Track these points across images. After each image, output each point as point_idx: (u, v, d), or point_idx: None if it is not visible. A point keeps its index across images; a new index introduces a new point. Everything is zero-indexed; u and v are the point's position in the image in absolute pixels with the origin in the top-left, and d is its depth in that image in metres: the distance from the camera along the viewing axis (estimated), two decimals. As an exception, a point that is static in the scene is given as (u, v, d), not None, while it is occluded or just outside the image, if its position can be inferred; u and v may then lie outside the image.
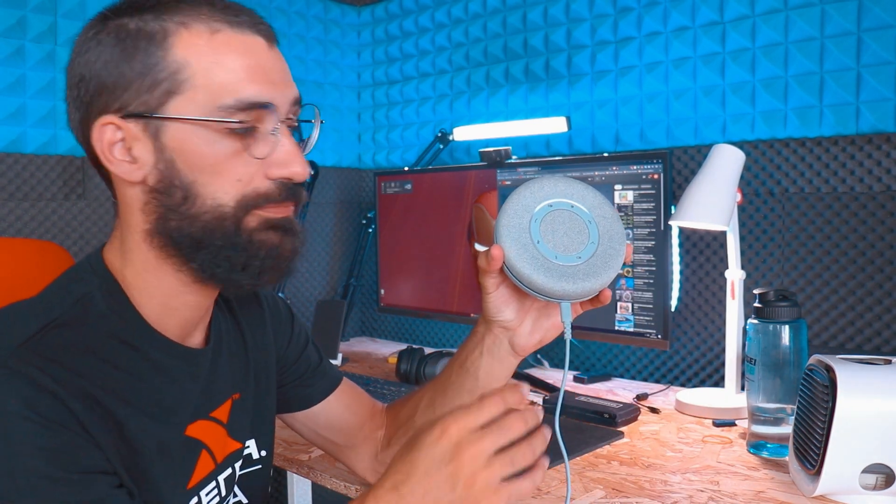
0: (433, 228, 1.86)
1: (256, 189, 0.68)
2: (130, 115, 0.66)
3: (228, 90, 0.65)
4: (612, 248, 0.78)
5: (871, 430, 0.88)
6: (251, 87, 0.66)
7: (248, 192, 0.68)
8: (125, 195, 0.71)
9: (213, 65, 0.65)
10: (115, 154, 0.68)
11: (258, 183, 0.68)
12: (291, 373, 0.96)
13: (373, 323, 2.31)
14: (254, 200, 0.68)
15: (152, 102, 0.66)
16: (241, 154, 0.67)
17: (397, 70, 2.19)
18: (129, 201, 0.70)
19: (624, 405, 1.33)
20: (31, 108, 1.67)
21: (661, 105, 1.62)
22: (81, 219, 1.76)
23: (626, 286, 1.49)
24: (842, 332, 1.38)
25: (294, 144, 0.70)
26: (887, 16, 1.30)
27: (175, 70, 0.65)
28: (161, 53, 0.65)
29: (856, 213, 1.36)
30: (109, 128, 0.67)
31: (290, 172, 0.69)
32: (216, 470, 0.80)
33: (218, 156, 0.66)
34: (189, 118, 0.65)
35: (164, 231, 0.68)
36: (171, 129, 0.66)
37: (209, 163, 0.66)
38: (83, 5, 1.72)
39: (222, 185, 0.67)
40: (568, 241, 0.76)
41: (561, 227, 0.77)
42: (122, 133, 0.67)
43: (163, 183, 0.67)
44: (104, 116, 0.67)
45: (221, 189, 0.67)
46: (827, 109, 1.39)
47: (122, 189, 0.71)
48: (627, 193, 1.47)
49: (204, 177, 0.67)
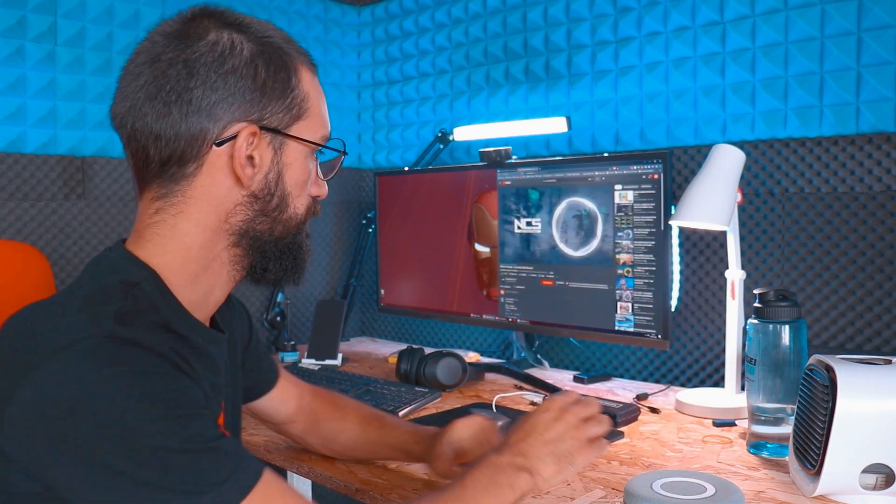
0: (433, 228, 1.86)
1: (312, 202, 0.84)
2: (265, 128, 0.76)
3: (325, 124, 0.82)
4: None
5: (871, 430, 0.88)
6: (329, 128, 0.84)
7: (310, 204, 0.83)
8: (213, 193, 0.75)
9: (319, 101, 0.81)
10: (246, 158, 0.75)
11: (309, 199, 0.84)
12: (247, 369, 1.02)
13: (373, 323, 2.31)
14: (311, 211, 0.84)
15: (285, 121, 0.77)
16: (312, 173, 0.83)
17: (397, 70, 2.19)
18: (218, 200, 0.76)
19: (624, 405, 1.33)
20: (31, 108, 1.67)
21: (661, 105, 1.62)
22: (81, 219, 1.76)
23: (626, 286, 1.49)
24: (842, 332, 1.38)
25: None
26: (887, 16, 1.30)
27: (303, 99, 0.78)
28: (295, 82, 0.77)
29: (856, 213, 1.36)
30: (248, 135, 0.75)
31: (323, 192, 0.86)
32: None
33: (308, 174, 0.81)
34: (308, 140, 0.79)
35: (247, 231, 0.78)
36: (291, 147, 0.78)
37: (304, 179, 0.81)
38: (83, 5, 1.72)
39: (302, 198, 0.81)
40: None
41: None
42: (255, 140, 0.75)
43: (265, 190, 0.77)
44: (240, 124, 0.74)
45: (300, 201, 0.81)
46: (827, 109, 1.39)
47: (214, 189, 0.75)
48: (627, 193, 1.47)
49: (297, 189, 0.80)
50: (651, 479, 0.90)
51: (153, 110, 0.73)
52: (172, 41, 0.73)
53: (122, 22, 1.78)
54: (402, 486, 1.02)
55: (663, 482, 0.89)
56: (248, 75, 0.74)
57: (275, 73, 0.76)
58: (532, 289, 1.65)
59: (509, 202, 1.68)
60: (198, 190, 0.75)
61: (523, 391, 1.55)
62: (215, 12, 0.76)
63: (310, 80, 0.80)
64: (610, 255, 1.50)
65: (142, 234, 0.76)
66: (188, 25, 0.74)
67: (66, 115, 1.72)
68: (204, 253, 0.76)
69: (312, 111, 0.79)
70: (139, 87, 0.74)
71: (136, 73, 0.74)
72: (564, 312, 1.59)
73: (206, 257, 0.77)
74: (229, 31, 0.74)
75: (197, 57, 0.72)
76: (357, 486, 1.04)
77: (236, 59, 0.73)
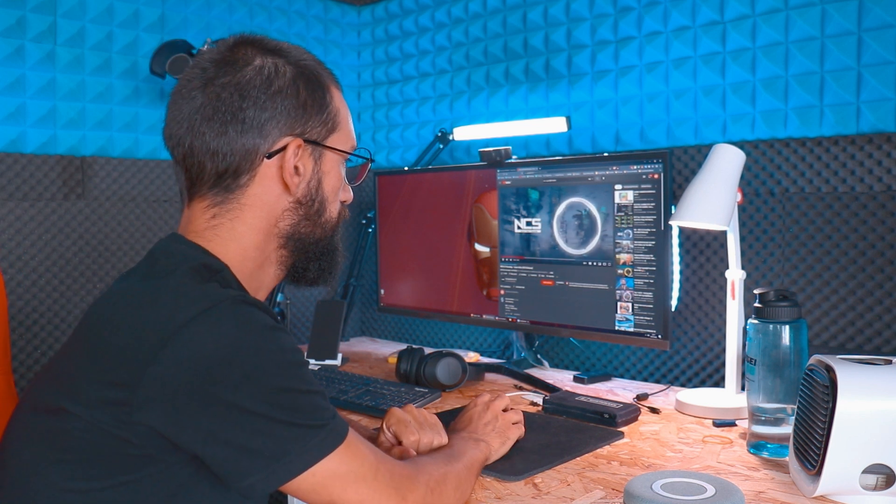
0: (433, 228, 1.86)
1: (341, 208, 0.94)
2: (308, 141, 0.86)
3: (352, 135, 0.93)
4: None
5: (871, 430, 0.88)
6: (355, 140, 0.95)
7: (341, 209, 0.94)
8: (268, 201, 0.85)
9: (347, 115, 0.92)
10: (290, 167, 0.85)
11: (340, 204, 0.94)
12: None
13: (373, 323, 2.31)
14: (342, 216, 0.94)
15: (322, 133, 0.88)
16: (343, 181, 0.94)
17: (397, 70, 2.19)
18: (271, 207, 0.86)
19: (624, 405, 1.33)
20: (31, 107, 1.67)
21: (662, 105, 1.62)
22: (81, 219, 1.76)
23: (626, 286, 1.49)
24: (842, 332, 1.38)
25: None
26: (888, 15, 1.30)
27: (335, 113, 0.89)
28: (328, 98, 0.88)
29: (856, 213, 1.35)
30: (294, 147, 0.85)
31: (350, 197, 0.96)
32: None
33: (340, 182, 0.92)
34: (342, 150, 0.91)
35: (293, 233, 0.88)
36: (327, 157, 0.89)
37: (338, 185, 0.92)
38: (82, 5, 1.72)
39: (335, 204, 0.92)
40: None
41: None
42: (300, 152, 0.86)
43: (308, 196, 0.88)
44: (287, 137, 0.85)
45: (334, 206, 0.92)
46: (827, 109, 1.39)
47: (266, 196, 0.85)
48: (627, 193, 1.47)
49: (332, 195, 0.91)
50: (651, 479, 0.90)
51: (210, 130, 0.82)
52: (222, 67, 0.83)
53: (121, 22, 1.78)
54: (401, 487, 1.01)
55: (663, 482, 0.89)
56: (291, 94, 0.85)
57: (313, 91, 0.86)
58: (532, 289, 1.65)
59: (509, 202, 1.68)
60: (251, 198, 0.85)
61: (523, 391, 1.55)
62: (255, 40, 0.86)
63: (339, 96, 0.91)
64: (610, 255, 1.50)
65: (201, 234, 0.85)
66: (234, 52, 0.84)
67: (65, 114, 1.72)
68: (258, 253, 0.86)
69: (343, 124, 0.91)
70: (195, 110, 0.82)
71: (191, 97, 0.83)
72: (564, 312, 1.59)
73: (259, 257, 0.87)
74: (272, 57, 0.85)
75: (247, 81, 0.83)
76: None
77: (281, 81, 0.84)
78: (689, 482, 0.89)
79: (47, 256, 1.71)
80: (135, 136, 1.84)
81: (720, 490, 0.87)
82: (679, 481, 0.89)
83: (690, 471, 0.99)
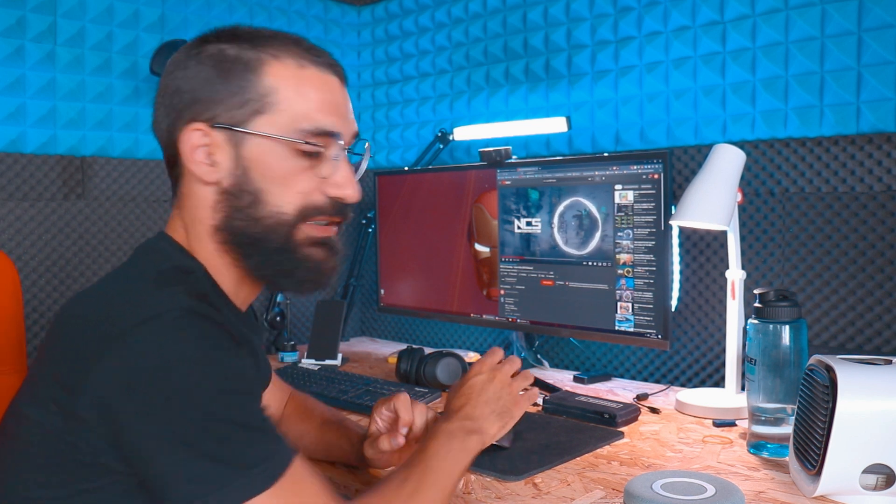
0: (433, 228, 1.86)
1: (314, 202, 0.80)
2: (218, 126, 0.77)
3: (307, 117, 0.78)
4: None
5: (871, 430, 0.88)
6: (325, 118, 0.79)
7: (307, 203, 0.80)
8: (197, 193, 0.80)
9: (297, 94, 0.78)
10: (197, 156, 0.78)
11: (316, 197, 0.81)
12: None
13: (373, 323, 2.31)
14: (310, 211, 0.80)
15: (239, 118, 0.77)
16: (307, 171, 0.80)
17: (397, 70, 2.19)
18: (201, 199, 0.80)
19: (624, 405, 1.33)
20: (31, 107, 1.67)
21: (662, 105, 1.62)
22: (81, 219, 1.76)
23: (626, 286, 1.49)
24: (842, 332, 1.38)
25: (351, 171, 0.83)
26: (888, 15, 1.30)
27: (264, 94, 0.77)
28: (254, 78, 0.77)
29: (856, 213, 1.35)
30: (197, 133, 0.78)
31: (344, 193, 0.82)
32: None
33: (288, 170, 0.78)
34: (271, 135, 0.77)
35: (228, 228, 0.79)
36: (252, 143, 0.77)
37: (279, 175, 0.78)
38: (82, 5, 1.72)
39: (286, 195, 0.79)
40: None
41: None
42: (207, 139, 0.78)
43: (235, 187, 0.78)
44: (194, 123, 0.78)
45: (285, 198, 0.79)
46: (827, 109, 1.39)
47: (194, 187, 0.80)
48: (627, 193, 1.47)
49: (273, 186, 0.78)
50: (651, 479, 0.90)
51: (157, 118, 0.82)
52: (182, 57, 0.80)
53: (121, 22, 1.78)
54: (401, 487, 1.01)
55: (663, 482, 0.89)
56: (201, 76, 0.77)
57: (228, 70, 0.77)
58: (532, 289, 1.65)
59: (509, 202, 1.68)
60: (187, 188, 0.81)
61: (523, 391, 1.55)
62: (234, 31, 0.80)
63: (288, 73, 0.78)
64: (610, 255, 1.50)
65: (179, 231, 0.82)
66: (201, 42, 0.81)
67: (65, 114, 1.72)
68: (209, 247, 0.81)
69: (280, 105, 0.77)
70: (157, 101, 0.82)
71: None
72: (564, 312, 1.59)
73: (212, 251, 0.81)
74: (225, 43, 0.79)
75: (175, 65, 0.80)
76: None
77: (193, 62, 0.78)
78: (690, 482, 0.89)
79: (47, 256, 1.71)
80: (135, 136, 1.84)
81: (720, 490, 0.87)
82: (679, 481, 0.89)
83: (690, 471, 0.99)
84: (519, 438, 1.17)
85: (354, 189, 0.83)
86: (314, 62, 0.80)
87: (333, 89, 0.81)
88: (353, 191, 0.83)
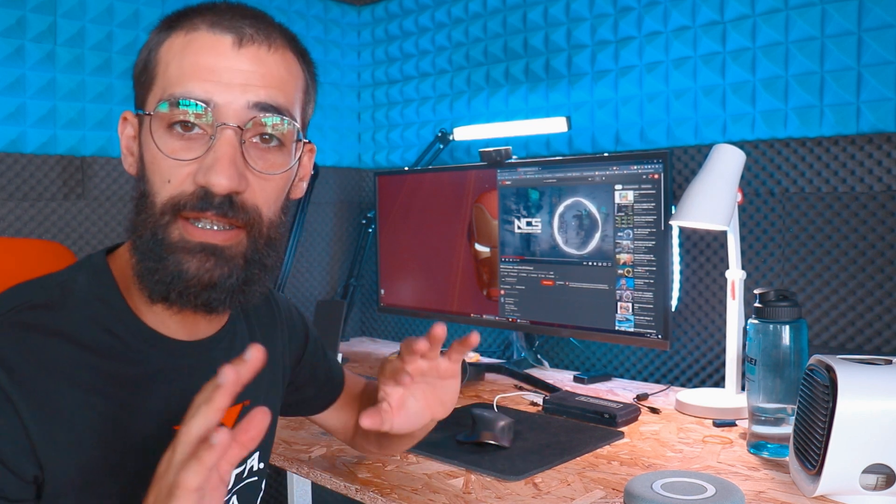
0: (433, 228, 1.86)
1: (183, 192, 0.64)
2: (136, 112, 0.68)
3: (171, 86, 0.64)
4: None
5: (871, 430, 0.88)
6: (191, 85, 0.63)
7: (174, 194, 0.64)
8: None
9: (169, 63, 0.65)
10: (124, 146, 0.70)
11: (186, 187, 0.64)
12: (301, 382, 0.97)
13: (373, 323, 2.31)
14: (176, 204, 0.64)
15: (140, 100, 0.68)
16: (182, 153, 0.64)
17: (397, 70, 2.19)
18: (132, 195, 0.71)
19: (624, 405, 1.33)
20: (31, 107, 1.67)
21: (662, 105, 1.62)
22: (81, 219, 1.76)
23: (626, 286, 1.49)
24: (842, 332, 1.38)
25: (228, 153, 0.63)
26: (888, 15, 1.30)
27: (153, 66, 0.66)
28: (153, 57, 0.67)
29: (856, 213, 1.35)
30: (126, 123, 0.70)
31: (206, 180, 0.63)
32: None
33: (157, 154, 0.64)
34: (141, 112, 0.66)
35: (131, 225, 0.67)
36: (144, 125, 0.66)
37: (151, 159, 0.65)
38: (83, 5, 1.72)
39: (156, 184, 0.65)
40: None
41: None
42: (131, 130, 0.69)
43: (137, 177, 0.68)
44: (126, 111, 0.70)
45: (155, 188, 0.65)
46: (827, 109, 1.39)
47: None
48: (627, 193, 1.47)
49: (150, 174, 0.65)
50: (651, 479, 0.90)
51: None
52: None
53: (121, 22, 1.78)
54: (401, 486, 1.01)
55: (663, 482, 0.89)
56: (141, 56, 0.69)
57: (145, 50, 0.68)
58: (532, 289, 1.65)
59: (509, 202, 1.68)
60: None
61: (523, 391, 1.55)
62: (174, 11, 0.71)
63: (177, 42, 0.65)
64: (610, 255, 1.50)
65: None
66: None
67: (65, 114, 1.72)
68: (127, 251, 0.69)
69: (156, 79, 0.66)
70: None
71: None
72: (564, 312, 1.59)
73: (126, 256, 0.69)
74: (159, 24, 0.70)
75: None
76: (357, 486, 1.04)
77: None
78: (690, 482, 0.89)
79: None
80: (135, 136, 1.84)
81: (720, 490, 0.87)
82: (679, 481, 0.90)
83: (690, 471, 0.99)
84: (519, 438, 1.17)
85: (224, 175, 0.62)
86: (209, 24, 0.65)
87: (218, 51, 0.64)
88: (220, 178, 0.62)
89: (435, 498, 0.98)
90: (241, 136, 0.65)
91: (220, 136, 0.64)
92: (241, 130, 0.65)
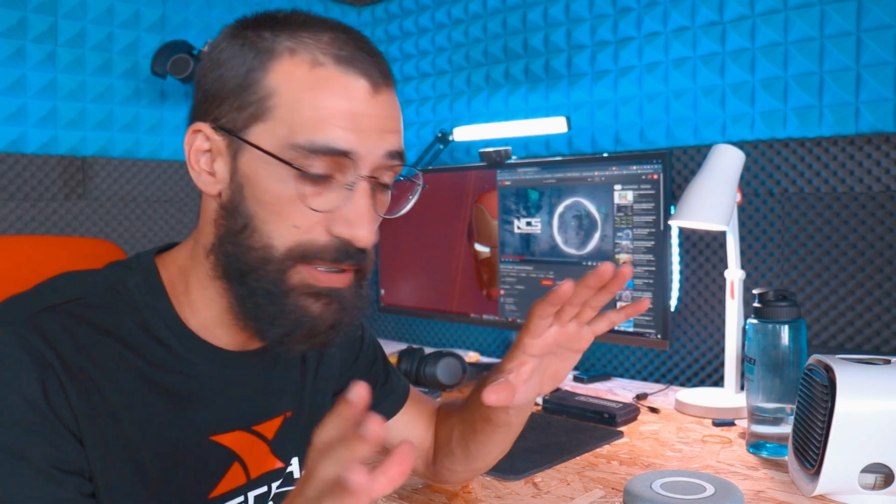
0: (433, 228, 1.86)
1: (313, 241, 0.64)
2: (221, 129, 0.65)
3: (307, 130, 0.62)
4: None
5: (870, 429, 0.88)
6: (332, 132, 0.62)
7: (303, 241, 0.63)
8: (205, 204, 0.69)
9: (300, 100, 0.62)
10: (199, 162, 0.67)
11: (316, 235, 0.64)
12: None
13: (373, 323, 2.31)
14: (306, 252, 0.64)
15: (239, 122, 0.64)
16: (310, 200, 0.63)
17: (397, 70, 2.19)
18: (207, 211, 0.68)
19: (624, 405, 1.33)
20: (32, 108, 1.67)
21: (661, 105, 1.62)
22: (82, 219, 1.76)
23: (626, 286, 1.49)
24: (841, 332, 1.38)
25: (368, 205, 0.64)
26: (887, 16, 1.30)
27: (265, 95, 0.63)
28: (260, 75, 0.63)
29: (855, 213, 1.36)
30: (199, 135, 0.66)
31: (352, 234, 0.63)
32: (247, 485, 0.76)
33: (282, 196, 0.62)
34: (262, 149, 0.62)
35: (218, 251, 0.66)
36: (248, 155, 0.63)
37: (272, 200, 0.63)
38: (83, 5, 1.72)
39: (277, 228, 0.63)
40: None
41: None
42: (209, 144, 0.66)
43: (231, 205, 0.65)
44: (198, 123, 0.66)
45: (276, 231, 0.63)
46: (826, 109, 1.39)
47: (204, 197, 0.69)
48: (627, 193, 1.47)
49: (264, 213, 0.63)
50: (651, 478, 0.91)
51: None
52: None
53: (122, 22, 1.78)
54: (401, 486, 1.02)
55: (663, 482, 0.89)
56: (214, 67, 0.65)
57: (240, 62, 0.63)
58: (532, 289, 1.65)
59: (509, 202, 1.68)
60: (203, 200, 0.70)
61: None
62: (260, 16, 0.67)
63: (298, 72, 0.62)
64: (610, 256, 1.50)
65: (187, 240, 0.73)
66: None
67: (66, 115, 1.72)
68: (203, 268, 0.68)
69: (278, 112, 0.62)
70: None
71: None
72: (564, 312, 1.59)
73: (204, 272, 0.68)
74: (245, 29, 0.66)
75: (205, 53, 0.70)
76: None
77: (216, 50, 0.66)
78: (689, 481, 0.89)
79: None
80: (135, 137, 1.84)
81: (719, 489, 0.87)
82: (678, 480, 0.90)
83: (690, 470, 0.99)
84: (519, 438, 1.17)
85: (367, 229, 0.64)
86: (337, 59, 0.63)
87: (357, 96, 0.63)
88: (364, 231, 0.64)
89: (435, 498, 0.98)
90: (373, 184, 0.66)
91: (358, 188, 0.64)
92: (374, 179, 0.66)
